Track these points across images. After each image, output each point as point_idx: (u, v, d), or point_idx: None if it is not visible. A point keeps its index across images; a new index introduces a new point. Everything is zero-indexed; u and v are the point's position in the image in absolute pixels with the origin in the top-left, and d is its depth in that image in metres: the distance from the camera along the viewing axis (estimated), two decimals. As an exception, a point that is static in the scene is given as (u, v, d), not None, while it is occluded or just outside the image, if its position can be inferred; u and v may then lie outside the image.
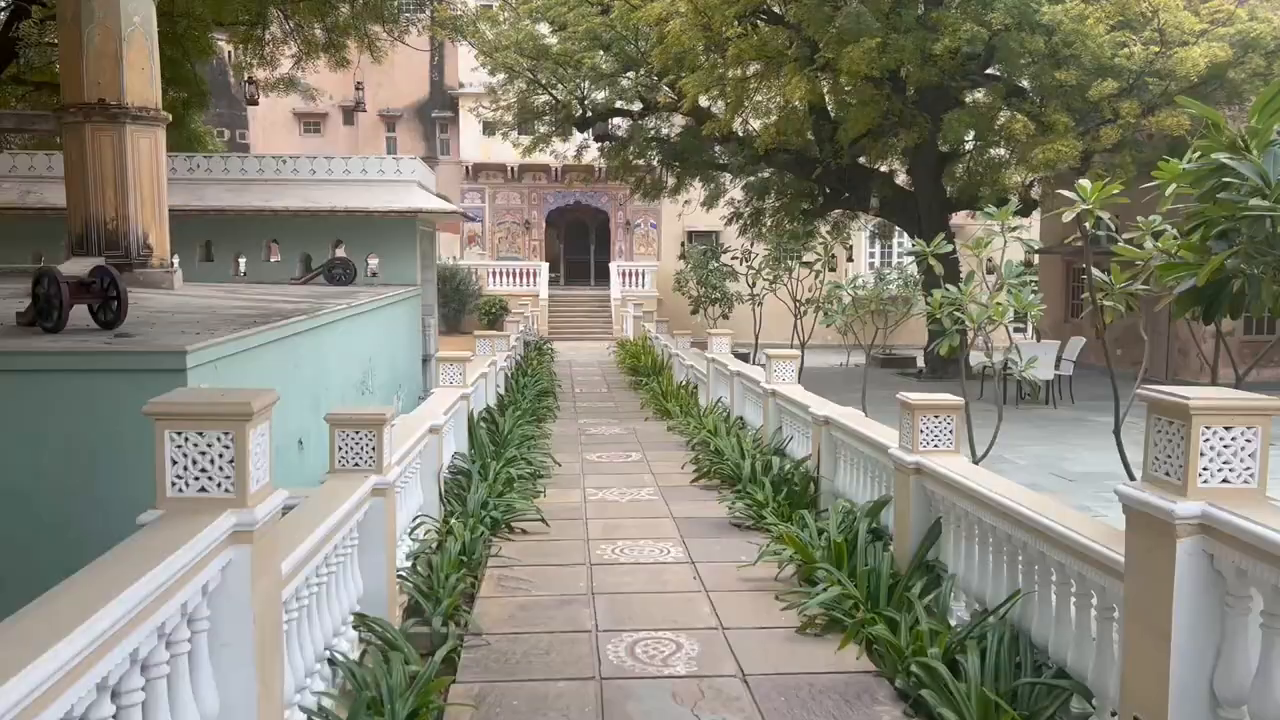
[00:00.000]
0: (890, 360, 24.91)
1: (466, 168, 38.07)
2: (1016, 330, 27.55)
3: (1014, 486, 5.16)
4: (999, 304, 8.01)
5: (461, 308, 33.03)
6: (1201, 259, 4.61)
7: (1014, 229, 8.14)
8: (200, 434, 3.18)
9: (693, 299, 27.88)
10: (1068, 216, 6.37)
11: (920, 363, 23.71)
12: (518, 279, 34.63)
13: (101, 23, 10.76)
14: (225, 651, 3.20)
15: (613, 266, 35.82)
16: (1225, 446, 3.45)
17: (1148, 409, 3.68)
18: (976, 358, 13.03)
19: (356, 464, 5.44)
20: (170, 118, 12.05)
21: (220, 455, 3.19)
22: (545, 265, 35.78)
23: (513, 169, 37.40)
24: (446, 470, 9.09)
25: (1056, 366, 17.98)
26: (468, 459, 9.71)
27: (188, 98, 21.60)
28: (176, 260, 17.66)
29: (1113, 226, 6.27)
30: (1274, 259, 4.23)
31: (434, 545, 7.03)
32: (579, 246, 41.40)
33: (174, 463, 3.17)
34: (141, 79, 11.15)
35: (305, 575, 4.20)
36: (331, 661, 4.73)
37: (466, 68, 33.49)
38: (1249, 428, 3.44)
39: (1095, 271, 6.92)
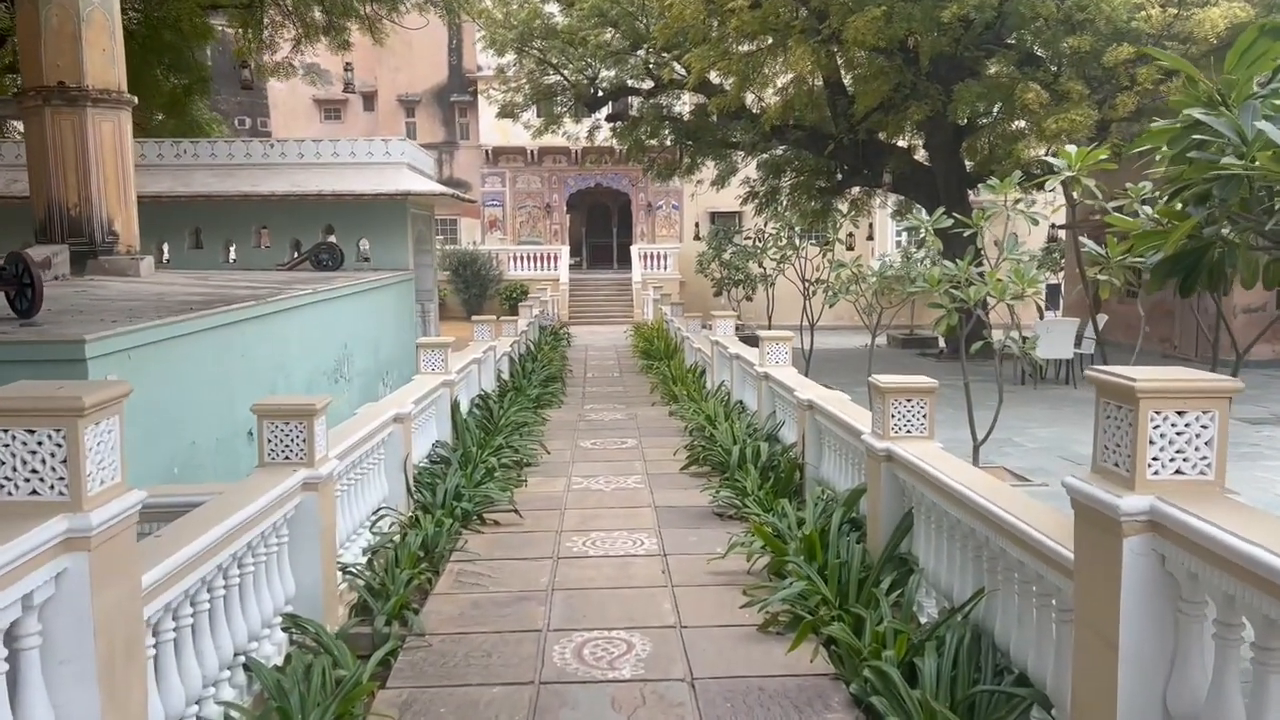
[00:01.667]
0: (911, 340, 24.36)
1: (486, 152, 37.80)
2: (1050, 308, 26.95)
3: (980, 475, 4.78)
4: (999, 280, 7.62)
5: (483, 293, 32.82)
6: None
7: (1016, 201, 7.71)
8: (30, 431, 2.90)
9: (715, 281, 27.44)
10: (1051, 185, 5.96)
11: (942, 343, 23.16)
12: (538, 263, 34.28)
13: (59, 2, 10.35)
14: (64, 669, 2.93)
15: (634, 249, 35.32)
16: (1178, 434, 3.06)
17: (1096, 392, 3.30)
18: (998, 337, 12.52)
19: (286, 457, 5.17)
20: (135, 100, 11.70)
21: (52, 455, 2.91)
22: (565, 249, 35.46)
23: (532, 152, 37.05)
24: (424, 460, 8.82)
25: (1078, 344, 17.31)
26: (449, 448, 9.44)
27: (189, 84, 21.40)
28: (167, 246, 17.41)
29: (1099, 194, 5.83)
30: (1252, 224, 3.82)
31: (397, 539, 6.77)
32: (601, 229, 41.05)
33: (1, 463, 2.91)
34: (102, 60, 10.82)
35: (202, 576, 3.93)
36: (247, 667, 4.48)
37: (483, 51, 33.17)
38: (1204, 412, 3.05)
39: (1091, 244, 6.50)
